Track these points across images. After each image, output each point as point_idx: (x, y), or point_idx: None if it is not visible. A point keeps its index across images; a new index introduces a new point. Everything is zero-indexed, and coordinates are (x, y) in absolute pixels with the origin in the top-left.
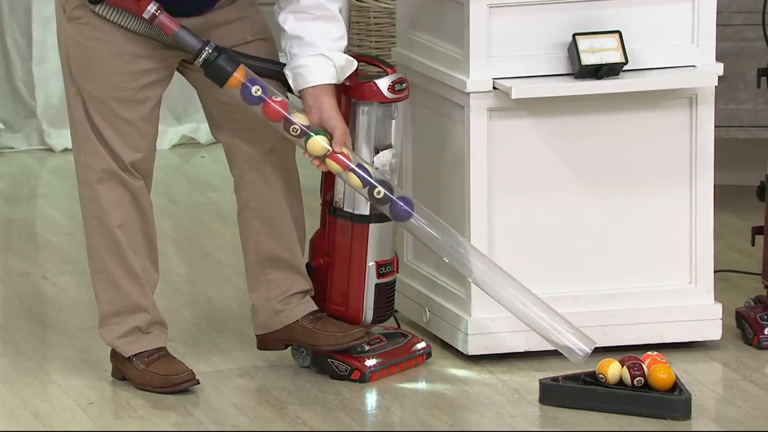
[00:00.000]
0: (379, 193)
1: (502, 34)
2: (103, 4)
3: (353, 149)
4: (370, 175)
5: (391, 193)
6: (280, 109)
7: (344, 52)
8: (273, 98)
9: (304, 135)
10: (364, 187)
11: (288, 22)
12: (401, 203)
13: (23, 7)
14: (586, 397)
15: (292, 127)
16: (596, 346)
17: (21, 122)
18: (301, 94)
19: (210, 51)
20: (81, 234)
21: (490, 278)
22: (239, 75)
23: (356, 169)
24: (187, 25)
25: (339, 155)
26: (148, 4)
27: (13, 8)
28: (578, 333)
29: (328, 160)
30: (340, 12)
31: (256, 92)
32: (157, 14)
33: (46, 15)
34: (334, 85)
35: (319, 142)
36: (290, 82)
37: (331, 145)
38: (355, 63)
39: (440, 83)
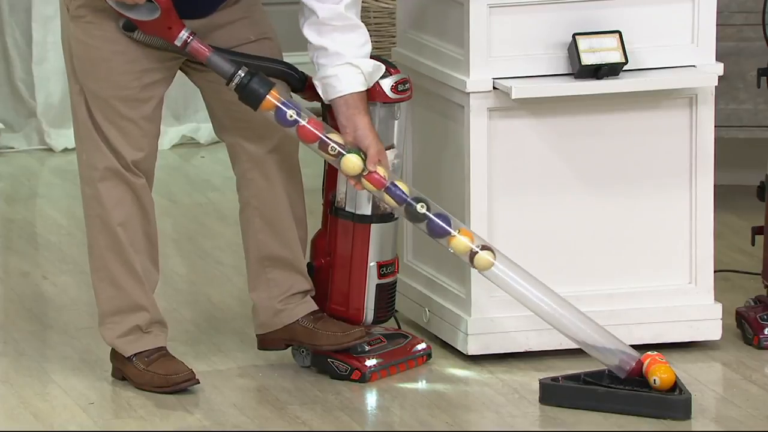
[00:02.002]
0: (422, 206)
1: (502, 34)
2: (138, 30)
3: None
4: (405, 194)
5: (428, 209)
6: (315, 130)
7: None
8: (308, 120)
9: (341, 155)
10: (400, 205)
11: (311, 34)
12: (438, 220)
13: (23, 7)
14: (586, 397)
15: (330, 147)
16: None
17: (21, 122)
18: (332, 104)
19: (243, 75)
20: (81, 234)
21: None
22: (273, 98)
23: (391, 187)
24: (192, 27)
25: (374, 174)
26: (180, 31)
27: (13, 8)
28: (625, 348)
29: (363, 180)
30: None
31: (290, 116)
32: (189, 41)
33: (46, 15)
34: (365, 93)
35: (353, 161)
36: (319, 91)
37: (365, 164)
38: (383, 67)
39: (440, 83)
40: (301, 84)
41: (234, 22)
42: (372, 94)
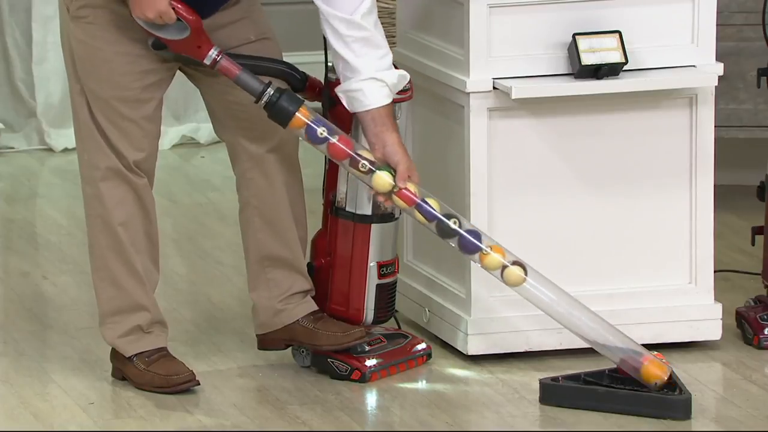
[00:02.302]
0: (455, 222)
1: (502, 34)
2: (165, 49)
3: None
4: (435, 210)
5: (459, 226)
6: (345, 148)
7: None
8: (338, 138)
9: (371, 172)
10: (431, 222)
11: (332, 41)
12: (469, 236)
13: (23, 7)
14: (586, 397)
15: (360, 164)
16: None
17: (21, 122)
18: (357, 116)
19: (272, 93)
20: (81, 234)
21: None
22: (302, 115)
23: (422, 204)
24: None
25: (405, 191)
26: (210, 50)
27: (13, 8)
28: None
29: (394, 197)
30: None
31: (321, 134)
32: (218, 59)
33: (46, 15)
34: (392, 106)
35: (383, 178)
36: (344, 102)
37: (395, 180)
38: (407, 76)
39: (440, 83)
40: (302, 84)
41: (235, 22)
42: None
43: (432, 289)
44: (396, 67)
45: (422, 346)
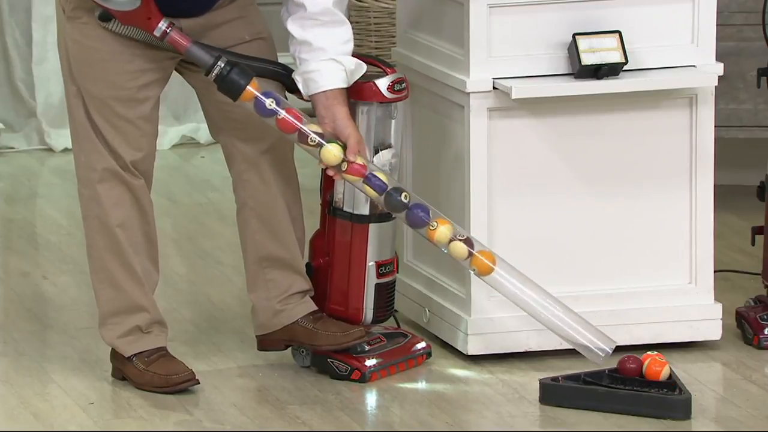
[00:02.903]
0: (405, 196)
1: (502, 34)
2: (114, 21)
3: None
4: (384, 183)
5: (408, 199)
6: (294, 120)
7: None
8: (287, 110)
9: (320, 146)
10: (380, 195)
11: (296, 28)
12: (418, 210)
13: (23, 7)
14: (586, 397)
15: (309, 138)
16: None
17: (21, 122)
18: (312, 99)
19: (222, 66)
20: (81, 234)
21: (506, 280)
22: (252, 88)
23: (371, 177)
24: (187, 26)
25: (355, 165)
26: (159, 22)
27: (13, 8)
28: (598, 333)
29: (344, 173)
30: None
31: (270, 105)
32: (168, 31)
33: (46, 15)
34: (345, 88)
35: (332, 152)
36: (300, 87)
37: (345, 154)
38: (365, 66)
39: (440, 83)
40: (295, 84)
41: (229, 22)
42: (368, 94)
43: (432, 289)
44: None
45: (422, 344)
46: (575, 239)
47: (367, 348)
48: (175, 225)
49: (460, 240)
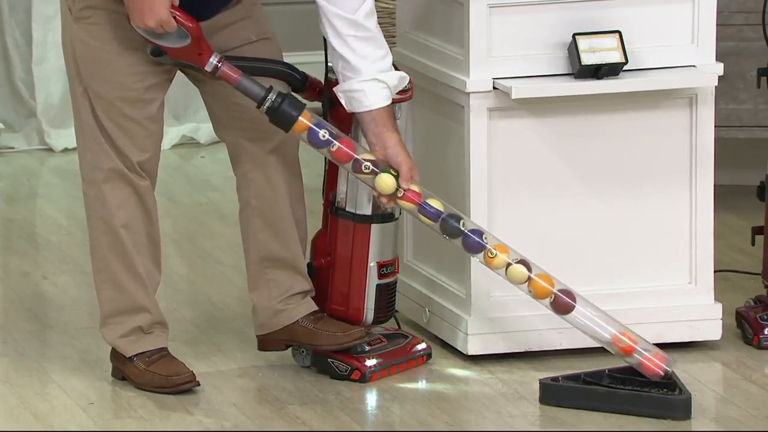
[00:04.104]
0: (461, 222)
1: (502, 34)
2: (164, 56)
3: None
4: (439, 211)
5: (464, 225)
6: (348, 151)
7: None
8: (340, 140)
9: (373, 173)
10: (435, 222)
11: (332, 39)
12: (473, 236)
13: (23, 7)
14: (586, 397)
15: (364, 165)
16: (593, 346)
17: (21, 122)
18: (357, 116)
19: (274, 98)
20: (81, 234)
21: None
22: (305, 119)
23: (424, 206)
24: None
25: (409, 193)
26: (210, 57)
27: (13, 8)
28: (657, 352)
29: (398, 200)
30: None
31: (323, 137)
32: (219, 66)
33: (46, 15)
34: (390, 106)
35: (386, 181)
36: (343, 102)
37: (398, 182)
38: (407, 77)
39: (440, 83)
40: (302, 84)
41: (236, 23)
42: None
43: (432, 289)
44: (396, 68)
45: (422, 346)
46: (575, 239)
47: (367, 348)
48: (175, 225)
49: (516, 263)
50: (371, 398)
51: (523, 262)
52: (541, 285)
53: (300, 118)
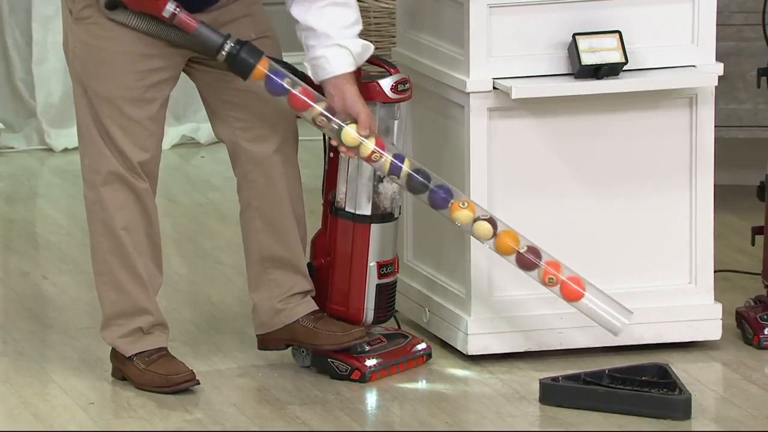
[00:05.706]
0: (426, 177)
1: (502, 34)
2: (120, 8)
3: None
4: (402, 161)
5: (428, 181)
6: (305, 98)
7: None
8: (298, 88)
9: (331, 122)
10: (393, 173)
11: (299, 13)
12: (440, 191)
13: (23, 7)
14: (586, 397)
15: (321, 114)
16: (593, 346)
17: (21, 122)
18: (322, 84)
19: (232, 44)
20: (81, 234)
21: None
22: (263, 66)
23: (388, 155)
24: None
25: (378, 143)
26: (167, 3)
27: (13, 8)
28: (615, 304)
29: (362, 148)
30: None
31: (281, 84)
32: (176, 12)
33: (46, 15)
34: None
35: (350, 133)
36: (310, 73)
37: (358, 131)
38: (372, 47)
39: (440, 83)
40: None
41: (237, 20)
42: (372, 94)
43: (432, 289)
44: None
45: (422, 346)
46: (575, 239)
47: (367, 348)
48: (175, 225)
49: (483, 219)
50: (371, 398)
51: (490, 220)
52: (505, 242)
53: (258, 65)
